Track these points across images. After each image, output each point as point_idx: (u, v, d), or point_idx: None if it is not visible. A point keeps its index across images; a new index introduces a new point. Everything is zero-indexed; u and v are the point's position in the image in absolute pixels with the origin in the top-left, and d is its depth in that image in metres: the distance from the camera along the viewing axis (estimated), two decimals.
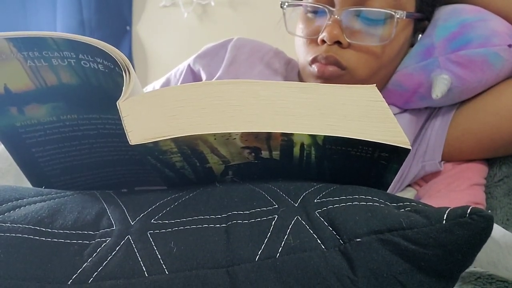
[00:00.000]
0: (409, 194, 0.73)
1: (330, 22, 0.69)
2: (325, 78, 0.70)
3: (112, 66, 0.41)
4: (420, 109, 0.75)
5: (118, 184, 0.53)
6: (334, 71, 0.69)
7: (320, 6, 0.70)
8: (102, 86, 0.43)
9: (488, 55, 0.66)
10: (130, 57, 1.86)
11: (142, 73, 1.87)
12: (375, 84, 0.40)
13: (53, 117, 0.46)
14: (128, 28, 1.89)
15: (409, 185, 0.75)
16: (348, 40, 0.69)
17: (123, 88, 0.39)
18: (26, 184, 0.58)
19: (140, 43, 1.94)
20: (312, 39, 0.73)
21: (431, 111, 0.75)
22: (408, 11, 0.69)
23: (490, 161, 0.73)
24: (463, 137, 0.70)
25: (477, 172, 0.70)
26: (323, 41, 0.70)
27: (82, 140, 0.48)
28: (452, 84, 0.68)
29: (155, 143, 0.37)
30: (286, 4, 0.76)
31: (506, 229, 0.44)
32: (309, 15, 0.74)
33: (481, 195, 0.68)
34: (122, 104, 0.38)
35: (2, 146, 0.53)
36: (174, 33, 1.95)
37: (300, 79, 0.82)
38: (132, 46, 1.91)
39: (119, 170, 0.51)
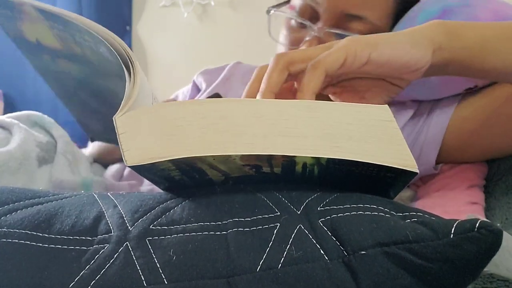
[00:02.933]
0: (407, 194, 0.73)
1: (309, 38, 0.71)
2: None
3: (123, 68, 0.41)
4: (405, 103, 0.73)
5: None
6: None
7: (303, 22, 0.73)
8: (118, 75, 0.43)
9: None
10: None
11: None
12: (387, 105, 0.39)
13: (82, 75, 0.49)
14: (128, 28, 1.90)
15: (407, 186, 0.75)
16: None
17: (122, 101, 0.38)
18: (37, 183, 0.60)
19: (140, 43, 1.94)
20: (292, 49, 0.75)
21: (420, 112, 0.73)
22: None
23: (489, 160, 0.72)
24: (466, 146, 0.68)
25: (476, 172, 0.70)
26: None
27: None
28: None
29: (152, 163, 0.36)
30: (272, 11, 0.79)
31: (505, 228, 0.43)
32: (293, 22, 0.76)
33: (480, 195, 0.67)
34: (119, 120, 0.37)
35: (14, 145, 0.54)
36: (174, 33, 1.94)
37: None
38: (132, 46, 1.91)
39: None
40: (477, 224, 0.32)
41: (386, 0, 0.72)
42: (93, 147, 0.91)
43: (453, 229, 0.33)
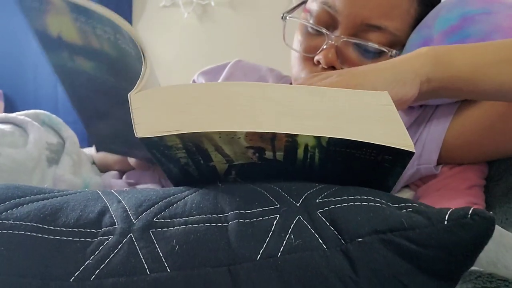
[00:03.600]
0: (407, 195, 0.73)
1: (326, 46, 0.70)
2: None
3: (140, 56, 0.43)
4: (413, 108, 0.74)
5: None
6: None
7: (319, 30, 0.71)
8: (135, 68, 0.45)
9: None
10: None
11: None
12: (386, 91, 0.41)
13: (98, 73, 0.51)
14: None
15: (407, 186, 0.75)
16: (342, 66, 0.69)
17: (138, 81, 0.40)
18: (48, 184, 0.61)
19: None
20: (306, 56, 0.74)
21: (425, 113, 0.74)
22: (404, 44, 0.70)
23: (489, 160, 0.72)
24: (466, 147, 0.67)
25: (476, 172, 0.69)
26: (319, 62, 0.71)
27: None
28: None
29: (161, 137, 0.38)
30: (288, 17, 0.76)
31: (505, 228, 0.44)
32: (309, 28, 0.74)
33: (480, 195, 0.67)
34: (134, 97, 0.39)
35: (30, 144, 0.56)
36: (174, 33, 1.95)
37: None
38: None
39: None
40: (470, 211, 0.33)
41: (408, 10, 0.70)
42: (95, 154, 0.91)
43: (447, 216, 0.34)
